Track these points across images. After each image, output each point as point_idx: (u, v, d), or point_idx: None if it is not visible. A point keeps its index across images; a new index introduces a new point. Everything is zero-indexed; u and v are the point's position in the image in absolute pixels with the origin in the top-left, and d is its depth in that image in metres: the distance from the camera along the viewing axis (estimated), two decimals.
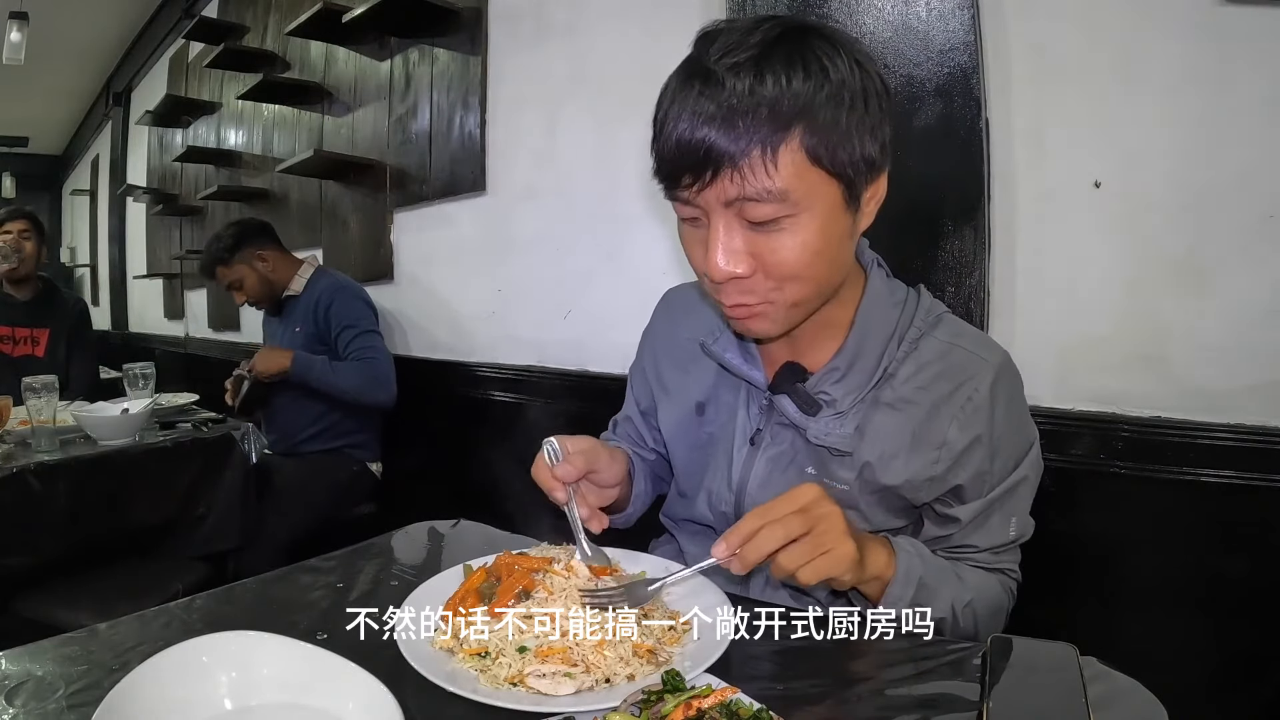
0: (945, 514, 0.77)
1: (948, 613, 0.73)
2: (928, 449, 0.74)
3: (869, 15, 1.29)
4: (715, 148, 0.61)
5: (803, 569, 0.62)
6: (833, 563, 0.62)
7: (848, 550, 0.63)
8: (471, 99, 2.15)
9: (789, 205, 0.62)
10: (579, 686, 0.55)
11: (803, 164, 0.62)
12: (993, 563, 0.78)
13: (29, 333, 2.53)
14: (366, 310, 2.23)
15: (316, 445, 2.25)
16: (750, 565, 0.62)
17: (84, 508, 1.63)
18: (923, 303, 0.78)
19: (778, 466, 0.80)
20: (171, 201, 4.18)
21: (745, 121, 0.60)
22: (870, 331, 0.76)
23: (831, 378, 0.76)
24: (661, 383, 0.93)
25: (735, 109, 0.60)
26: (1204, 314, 1.07)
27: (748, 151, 0.60)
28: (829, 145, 0.62)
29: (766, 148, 0.60)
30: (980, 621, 0.75)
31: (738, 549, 0.61)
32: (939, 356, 0.75)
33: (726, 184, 0.62)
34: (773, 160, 0.61)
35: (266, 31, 3.25)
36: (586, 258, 1.88)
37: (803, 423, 0.76)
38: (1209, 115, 1.05)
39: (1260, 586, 1.03)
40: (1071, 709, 0.49)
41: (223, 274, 2.24)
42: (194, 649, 0.53)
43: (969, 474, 0.74)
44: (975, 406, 0.73)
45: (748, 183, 0.61)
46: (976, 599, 0.74)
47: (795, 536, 0.61)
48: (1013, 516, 0.78)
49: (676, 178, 0.65)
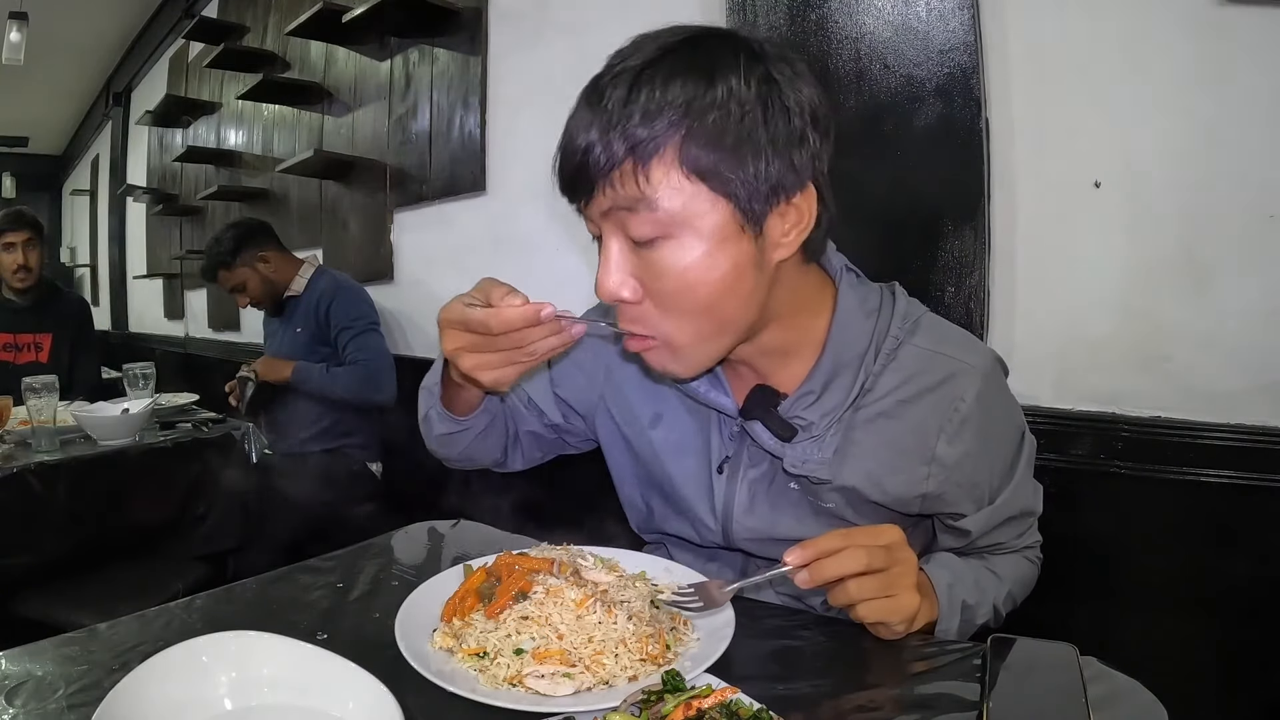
0: (953, 527, 0.75)
1: (991, 615, 0.74)
2: (916, 464, 0.71)
3: (869, 15, 1.29)
4: (589, 157, 0.59)
5: (866, 604, 0.61)
6: (894, 608, 0.61)
7: (911, 602, 0.62)
8: (471, 99, 2.15)
9: (666, 222, 0.59)
10: (578, 687, 0.55)
11: (679, 178, 0.58)
12: (1018, 545, 0.80)
13: (32, 338, 2.52)
14: (367, 310, 2.23)
15: (316, 445, 2.25)
16: (821, 581, 0.60)
17: (84, 508, 1.64)
18: (898, 307, 0.72)
19: (760, 489, 0.76)
20: (171, 201, 4.18)
21: (616, 131, 0.58)
22: (845, 348, 0.71)
23: (806, 401, 0.70)
24: (613, 384, 0.85)
25: (609, 118, 0.58)
26: (1204, 314, 1.07)
27: (617, 161, 0.58)
28: (711, 160, 0.58)
29: (637, 157, 0.58)
30: (1015, 602, 0.79)
31: (812, 560, 0.60)
32: (920, 365, 0.70)
33: (601, 196, 0.61)
34: (644, 170, 0.58)
35: (266, 31, 3.25)
36: (586, 257, 1.88)
37: (778, 450, 0.72)
38: (1209, 115, 1.05)
39: (1260, 586, 1.03)
40: (1071, 709, 0.48)
41: (225, 277, 2.24)
42: (194, 649, 0.53)
43: (964, 490, 0.72)
44: (963, 418, 0.69)
45: (618, 192, 0.59)
46: (1014, 586, 0.78)
47: (874, 569, 0.60)
48: (1027, 504, 0.78)
49: (569, 192, 0.63)
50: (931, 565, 0.72)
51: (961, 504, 0.73)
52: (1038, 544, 0.82)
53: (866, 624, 0.63)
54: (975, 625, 0.73)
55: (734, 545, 0.79)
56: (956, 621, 0.69)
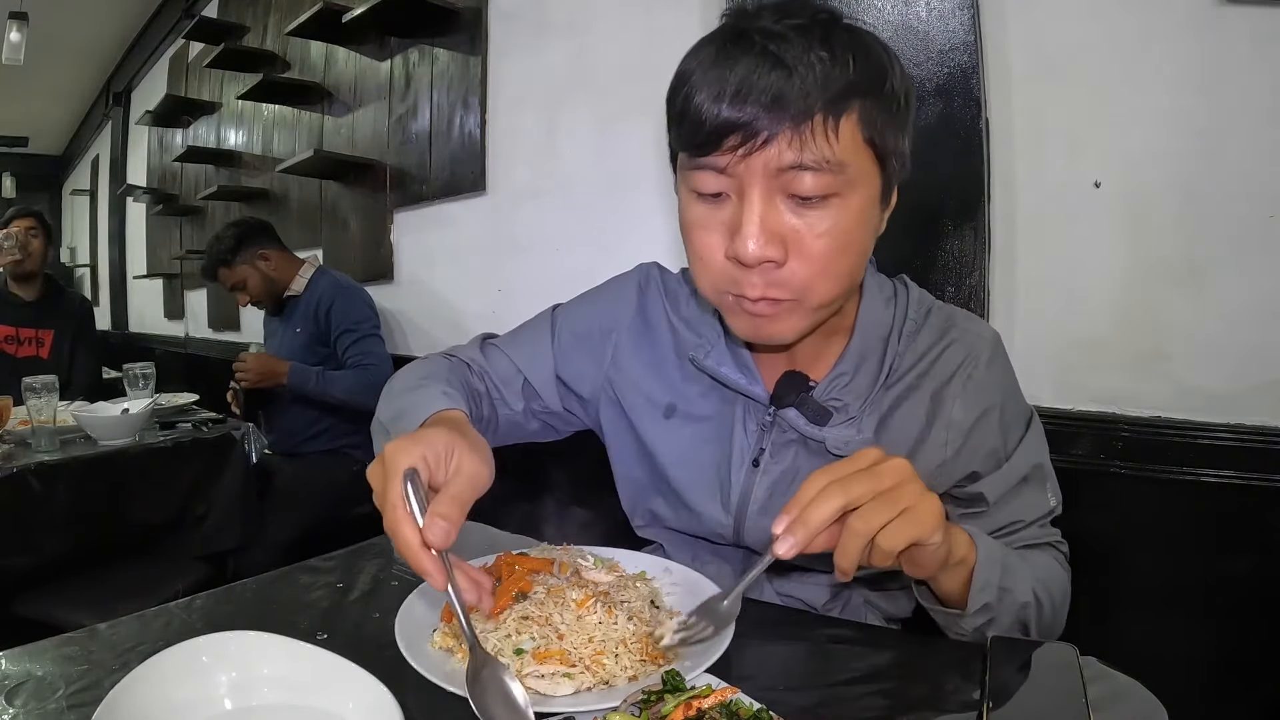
0: (968, 494, 0.74)
1: (1030, 596, 0.66)
2: (936, 432, 0.72)
3: (869, 15, 1.29)
4: (779, 106, 0.55)
5: (884, 532, 0.52)
6: (916, 520, 0.53)
7: (932, 504, 0.54)
8: (471, 99, 2.15)
9: (841, 181, 0.58)
10: (578, 687, 0.55)
11: (859, 141, 0.58)
12: (1040, 537, 0.75)
13: (34, 333, 2.53)
14: (367, 312, 2.23)
15: (316, 445, 2.25)
16: (806, 538, 0.52)
17: (84, 508, 1.64)
18: (912, 295, 0.75)
19: (779, 487, 0.75)
20: (171, 201, 4.18)
21: (813, 82, 0.55)
22: (871, 332, 0.73)
23: (840, 383, 0.72)
24: (621, 369, 0.82)
25: (806, 66, 0.55)
26: (1204, 314, 1.07)
27: (812, 114, 0.55)
28: (880, 129, 0.59)
29: (829, 114, 0.56)
30: (1055, 605, 0.70)
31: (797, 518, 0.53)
32: (935, 341, 0.73)
33: (783, 149, 0.56)
34: (834, 126, 0.56)
35: (266, 31, 3.26)
36: (586, 257, 1.88)
37: (816, 434, 0.71)
38: (1209, 115, 1.05)
39: (1260, 586, 1.03)
40: (1071, 709, 0.48)
41: (226, 276, 2.24)
42: (194, 649, 0.53)
43: (981, 454, 0.72)
44: (977, 383, 0.71)
45: (807, 149, 0.56)
46: (1049, 578, 0.71)
47: (860, 499, 0.52)
48: (1047, 482, 0.76)
49: (718, 140, 0.57)
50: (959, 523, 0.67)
51: (977, 472, 0.73)
52: (1062, 544, 0.78)
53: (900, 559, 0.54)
54: (1016, 603, 0.65)
55: (743, 543, 0.78)
56: (998, 574, 0.63)
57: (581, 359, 0.84)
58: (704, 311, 0.80)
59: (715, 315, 0.78)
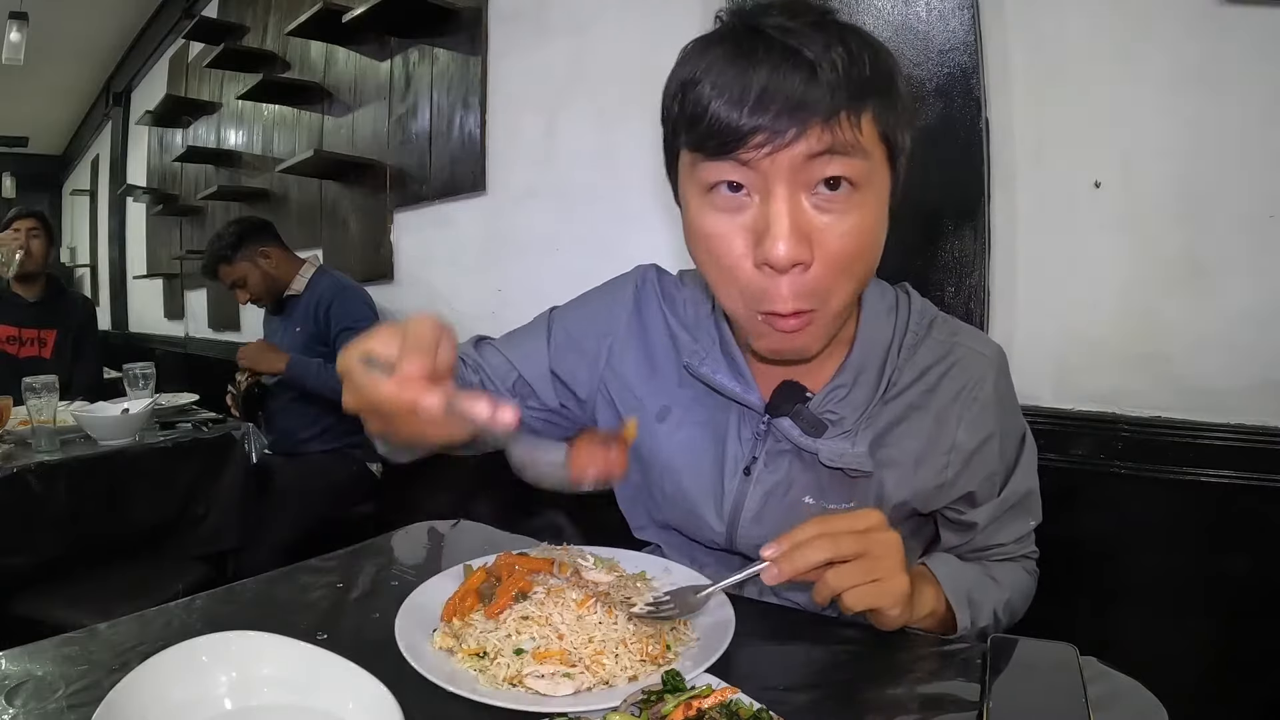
0: (960, 520, 0.75)
1: (991, 619, 0.72)
2: (937, 454, 0.71)
3: (869, 15, 1.29)
4: (808, 103, 0.54)
5: (850, 592, 0.58)
6: (881, 593, 0.59)
7: (899, 584, 0.59)
8: (471, 99, 2.15)
9: (865, 170, 0.58)
10: (578, 687, 0.55)
11: (876, 137, 0.58)
12: (1016, 552, 0.78)
13: (36, 333, 2.53)
14: (367, 311, 2.23)
15: (316, 445, 2.25)
16: (790, 573, 0.58)
17: (84, 508, 1.64)
18: (914, 305, 0.74)
19: (774, 496, 0.74)
20: (171, 201, 4.18)
21: (838, 79, 0.54)
22: (871, 343, 0.72)
23: (837, 395, 0.71)
24: (616, 371, 0.81)
25: (829, 64, 0.54)
26: (1204, 314, 1.07)
27: (838, 110, 0.55)
28: (892, 126, 0.59)
29: (852, 111, 0.56)
30: (1014, 613, 0.76)
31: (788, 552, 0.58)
32: (939, 358, 0.72)
33: (812, 140, 0.55)
34: (857, 120, 0.56)
35: (266, 31, 3.26)
36: (585, 258, 1.88)
37: (810, 446, 0.71)
38: (1209, 115, 1.05)
39: (1260, 586, 1.03)
40: (1071, 709, 0.48)
41: (226, 272, 2.24)
42: (194, 649, 0.53)
43: (980, 477, 0.73)
44: (982, 406, 0.71)
45: (835, 137, 0.55)
46: (1013, 595, 0.75)
47: (845, 556, 0.58)
48: (1033, 507, 0.78)
49: (742, 137, 0.55)
50: (931, 560, 0.72)
51: (974, 495, 0.73)
52: (1035, 555, 0.81)
53: (864, 614, 0.61)
54: (978, 627, 0.71)
55: (737, 549, 0.78)
56: (968, 614, 0.68)
57: (576, 359, 0.83)
58: (701, 315, 0.79)
59: (713, 319, 0.77)
